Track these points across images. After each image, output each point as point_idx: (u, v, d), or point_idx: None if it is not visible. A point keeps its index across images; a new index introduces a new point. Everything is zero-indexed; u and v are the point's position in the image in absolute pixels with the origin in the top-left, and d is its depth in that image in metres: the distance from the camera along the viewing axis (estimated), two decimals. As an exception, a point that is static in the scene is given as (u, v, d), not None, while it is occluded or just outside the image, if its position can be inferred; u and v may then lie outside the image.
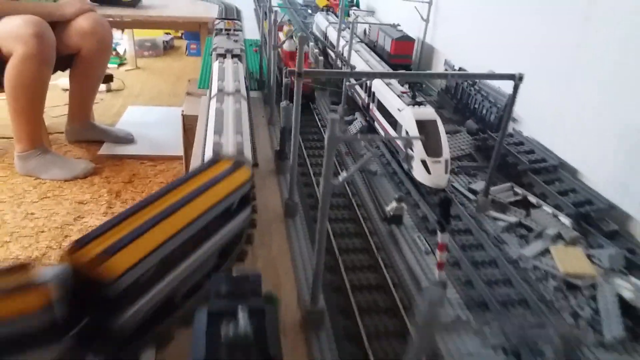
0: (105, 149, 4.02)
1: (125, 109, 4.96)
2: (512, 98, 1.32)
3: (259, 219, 1.25)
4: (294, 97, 1.25)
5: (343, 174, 0.84)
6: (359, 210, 1.40)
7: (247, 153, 1.20)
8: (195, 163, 1.66)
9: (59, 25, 3.40)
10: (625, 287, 1.09)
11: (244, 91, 1.58)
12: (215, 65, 1.81)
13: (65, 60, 3.63)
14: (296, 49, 1.48)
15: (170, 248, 0.86)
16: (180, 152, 2.68)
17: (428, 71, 2.51)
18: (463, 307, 1.08)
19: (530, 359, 0.93)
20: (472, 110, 2.05)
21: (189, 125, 2.56)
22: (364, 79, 1.87)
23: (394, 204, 1.34)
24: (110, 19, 3.94)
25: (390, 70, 2.06)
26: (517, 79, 1.28)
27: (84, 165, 3.65)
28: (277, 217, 1.38)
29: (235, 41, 2.12)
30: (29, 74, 3.13)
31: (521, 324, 1.05)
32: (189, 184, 0.97)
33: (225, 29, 2.35)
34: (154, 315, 0.90)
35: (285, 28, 2.53)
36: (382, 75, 1.66)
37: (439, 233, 1.05)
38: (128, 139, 4.16)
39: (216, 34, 2.29)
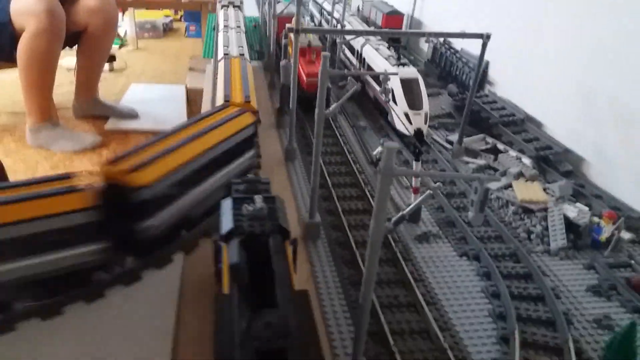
0: (111, 124, 4.20)
1: (128, 87, 5.14)
2: (481, 55, 1.52)
3: (262, 163, 1.46)
4: (293, 54, 1.45)
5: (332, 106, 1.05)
6: (350, 155, 1.61)
7: (253, 102, 1.40)
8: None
9: (67, 2, 3.57)
10: (571, 209, 1.31)
11: (247, 55, 1.78)
12: (221, 17, 2.03)
13: (73, 37, 3.79)
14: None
15: (188, 170, 1.06)
16: None
17: (408, 30, 2.70)
18: (435, 225, 1.29)
19: (487, 261, 1.14)
20: (454, 76, 2.25)
21: (192, 98, 2.76)
22: (352, 37, 2.08)
23: (379, 149, 1.55)
24: (114, -1, 4.10)
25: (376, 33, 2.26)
26: (484, 38, 1.48)
27: (92, 138, 3.84)
28: (279, 161, 1.59)
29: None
30: (40, 48, 3.31)
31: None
32: (202, 122, 1.18)
33: None
34: (178, 225, 1.11)
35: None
36: (367, 33, 1.88)
37: (413, 162, 1.26)
38: (132, 115, 4.33)
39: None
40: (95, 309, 0.97)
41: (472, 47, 2.17)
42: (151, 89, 5.01)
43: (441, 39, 2.50)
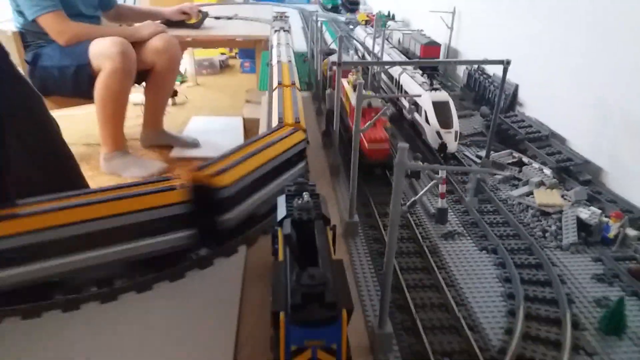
0: (175, 152, 4.59)
1: (189, 120, 5.56)
2: (503, 79, 1.71)
3: (311, 175, 1.71)
4: (335, 84, 1.70)
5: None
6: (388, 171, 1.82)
7: (302, 123, 1.65)
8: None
9: (137, 44, 4.00)
10: (584, 211, 1.46)
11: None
12: (275, 52, 2.32)
13: (141, 75, 4.23)
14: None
15: (254, 177, 1.32)
16: None
17: (435, 59, 2.90)
18: (460, 225, 1.48)
19: (503, 254, 1.32)
20: (487, 99, 2.44)
21: (248, 127, 3.06)
22: (388, 67, 2.31)
23: (412, 162, 1.76)
24: (178, 39, 4.53)
25: (413, 64, 2.48)
26: (505, 63, 1.67)
27: (159, 165, 4.21)
28: (324, 175, 1.83)
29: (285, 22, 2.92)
30: (115, 86, 3.72)
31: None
32: (264, 139, 1.44)
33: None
34: (245, 222, 1.36)
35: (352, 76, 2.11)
36: (400, 63, 2.11)
37: (440, 171, 1.46)
38: (194, 144, 4.71)
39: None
40: (176, 287, 1.22)
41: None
42: (210, 120, 5.43)
43: (475, 66, 2.70)
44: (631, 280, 1.22)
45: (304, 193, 1.09)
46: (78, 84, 3.75)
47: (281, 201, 1.10)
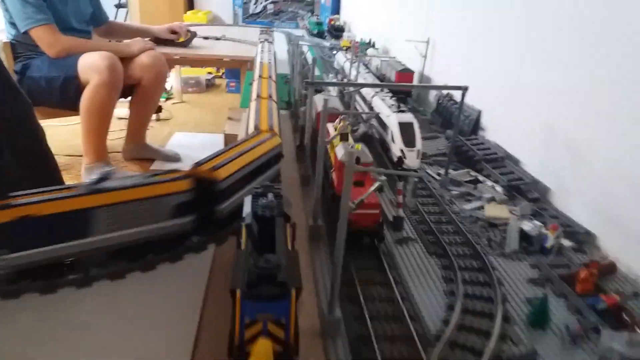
0: (156, 165, 4.69)
1: (172, 135, 5.67)
2: (461, 103, 1.88)
3: (284, 186, 1.84)
4: (306, 103, 1.84)
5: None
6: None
7: (276, 129, 1.79)
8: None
9: (125, 60, 4.13)
10: (527, 224, 1.61)
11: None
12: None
13: (127, 89, 4.35)
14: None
15: (244, 173, 1.47)
16: None
17: (401, 83, 3.07)
18: (414, 233, 1.62)
19: (450, 257, 1.46)
20: (453, 124, 2.60)
21: (229, 142, 3.18)
22: (357, 89, 2.47)
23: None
24: (166, 57, 4.68)
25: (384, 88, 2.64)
26: (463, 89, 1.84)
27: (139, 178, 4.31)
28: (295, 184, 1.96)
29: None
30: (101, 98, 3.83)
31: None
32: (244, 144, 1.58)
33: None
34: (234, 213, 1.49)
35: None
36: (367, 86, 2.29)
37: (397, 182, 1.61)
38: (175, 158, 4.82)
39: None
40: (147, 277, 1.33)
41: (470, 99, 2.53)
42: (192, 137, 5.56)
43: (444, 92, 2.88)
44: (561, 284, 1.36)
45: (269, 194, 1.22)
46: (65, 95, 3.86)
47: (247, 200, 1.22)
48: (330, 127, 1.96)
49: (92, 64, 3.74)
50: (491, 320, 1.21)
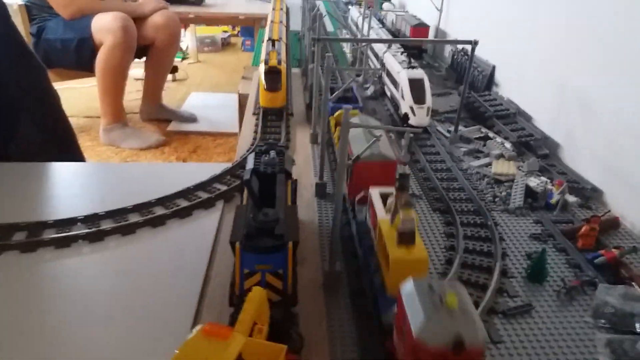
0: (173, 126, 4.76)
1: (188, 95, 5.70)
2: (470, 59, 1.85)
3: (293, 144, 1.87)
4: (315, 57, 1.83)
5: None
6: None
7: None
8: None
9: (138, 20, 4.13)
10: (533, 180, 1.61)
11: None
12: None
13: (141, 50, 4.37)
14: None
15: None
16: (235, 129, 3.27)
17: (410, 38, 3.01)
18: (419, 189, 1.63)
19: (452, 213, 1.47)
20: (466, 79, 2.57)
21: (243, 102, 3.19)
22: (364, 44, 2.44)
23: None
24: (179, 15, 4.65)
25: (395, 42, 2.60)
26: (473, 44, 1.81)
27: (157, 137, 4.38)
28: (305, 143, 1.97)
29: None
30: (115, 60, 3.87)
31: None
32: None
33: None
34: None
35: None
36: (377, 41, 2.25)
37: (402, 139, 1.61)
38: (192, 119, 4.87)
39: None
40: (157, 232, 1.38)
41: (484, 53, 2.49)
42: (208, 97, 5.58)
43: (459, 47, 2.83)
44: (562, 239, 1.37)
45: (271, 151, 1.25)
46: (80, 57, 3.91)
47: (250, 157, 1.25)
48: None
49: (105, 25, 3.76)
50: (489, 275, 1.23)
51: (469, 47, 2.62)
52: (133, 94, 5.31)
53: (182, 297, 1.16)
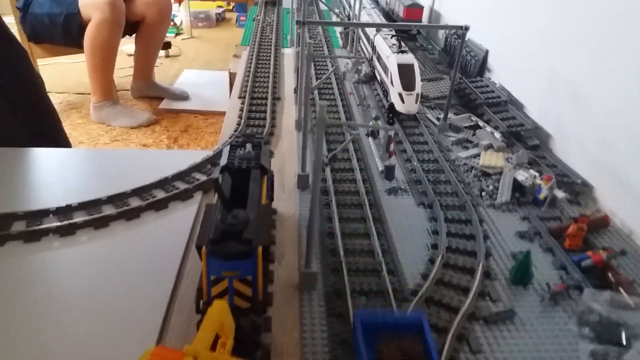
0: (164, 104, 4.67)
1: (181, 72, 5.59)
2: (461, 44, 1.79)
3: (279, 130, 1.82)
4: (300, 42, 1.77)
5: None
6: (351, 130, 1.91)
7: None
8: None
9: (128, -4, 4.02)
10: (522, 174, 1.56)
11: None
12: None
13: (132, 27, 4.26)
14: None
15: None
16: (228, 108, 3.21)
17: (399, 23, 2.93)
18: (405, 182, 1.59)
19: (437, 209, 1.43)
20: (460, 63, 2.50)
21: (234, 81, 3.11)
22: (350, 28, 2.37)
23: (371, 122, 1.85)
24: (170, -10, 4.52)
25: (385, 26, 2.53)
26: (463, 29, 1.74)
27: (147, 116, 4.30)
28: (291, 130, 1.92)
29: None
30: (103, 36, 3.77)
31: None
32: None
33: None
34: None
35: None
36: (366, 25, 2.17)
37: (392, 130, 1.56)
38: (184, 96, 4.78)
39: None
40: (131, 225, 1.33)
41: (478, 37, 2.42)
42: (201, 74, 5.48)
43: (452, 31, 2.75)
44: (549, 237, 1.33)
45: (248, 144, 1.19)
46: (68, 33, 3.81)
47: (225, 151, 1.19)
48: None
49: (93, 1, 3.65)
50: (471, 276, 1.19)
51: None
52: (126, 70, 5.21)
53: (153, 296, 1.12)
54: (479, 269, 1.20)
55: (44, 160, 1.65)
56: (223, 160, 1.16)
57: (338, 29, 3.15)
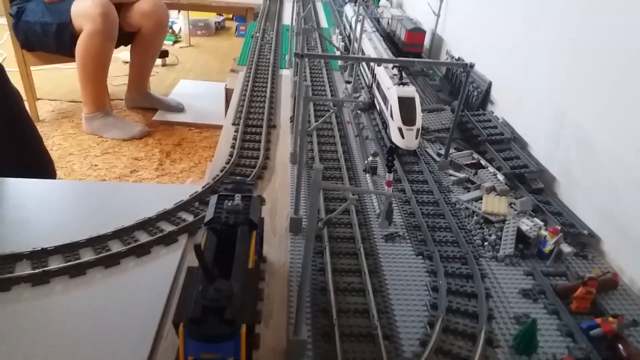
0: (158, 116, 4.59)
1: (178, 82, 5.51)
2: (465, 82, 1.71)
3: (272, 163, 1.74)
4: (298, 73, 1.69)
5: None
6: (346, 163, 1.82)
7: None
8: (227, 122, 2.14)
9: (124, 6, 3.94)
10: (526, 223, 1.48)
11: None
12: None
13: (127, 37, 4.19)
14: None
15: None
16: (222, 122, 3.14)
17: (399, 59, 2.85)
18: (403, 227, 1.50)
19: (437, 261, 1.35)
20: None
21: (229, 97, 3.03)
22: (350, 62, 2.29)
23: (370, 158, 1.77)
24: (168, 1, 4.45)
25: (387, 56, 2.46)
26: (468, 67, 1.66)
27: (140, 128, 4.22)
28: (285, 163, 1.83)
29: None
30: (95, 48, 3.68)
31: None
32: None
33: None
34: None
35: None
36: (366, 60, 2.10)
37: (387, 173, 1.48)
38: (179, 108, 4.70)
39: None
40: (110, 273, 1.24)
41: (481, 68, 2.35)
42: (197, 85, 5.41)
43: (455, 56, 2.68)
44: (554, 298, 1.25)
45: (236, 195, 1.11)
46: (60, 42, 3.73)
47: (212, 202, 1.11)
48: None
49: (85, 11, 3.57)
50: (473, 343, 1.11)
51: (466, 58, 2.50)
52: (121, 78, 5.13)
53: (129, 358, 1.03)
54: (481, 335, 1.12)
55: (21, 193, 1.56)
56: (209, 215, 1.08)
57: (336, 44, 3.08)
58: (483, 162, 1.84)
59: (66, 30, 3.59)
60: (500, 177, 1.72)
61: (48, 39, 3.70)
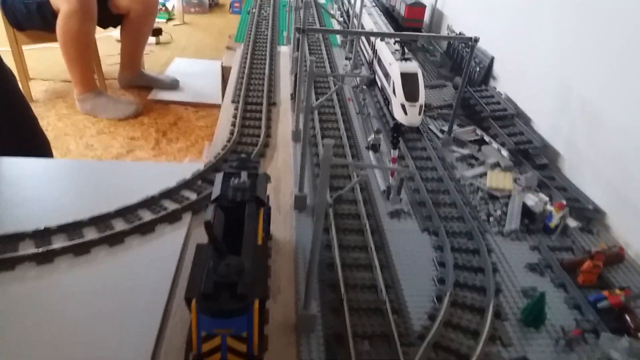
0: (153, 94, 4.53)
1: (172, 60, 5.44)
2: (469, 56, 1.69)
3: (274, 141, 1.72)
4: (300, 48, 1.66)
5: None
6: (349, 141, 1.80)
7: None
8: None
9: (111, -13, 3.85)
10: (531, 198, 1.48)
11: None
12: None
13: (117, 18, 4.11)
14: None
15: None
16: (218, 100, 3.08)
17: (401, 33, 2.82)
18: (408, 204, 1.50)
19: (443, 236, 1.34)
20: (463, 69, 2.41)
21: (226, 75, 3.00)
22: (350, 37, 2.26)
23: (372, 135, 1.75)
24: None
25: (388, 31, 2.42)
26: (472, 41, 1.64)
27: (135, 107, 4.16)
28: (287, 141, 1.81)
29: None
30: (74, 28, 3.59)
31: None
32: None
33: None
34: None
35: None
36: (368, 34, 2.06)
37: (391, 150, 1.46)
38: (174, 85, 4.63)
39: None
40: (115, 252, 1.23)
41: (483, 43, 2.31)
42: (192, 63, 5.33)
43: (456, 31, 2.65)
44: (561, 272, 1.25)
45: (242, 172, 1.09)
46: (44, 19, 3.66)
47: (218, 179, 1.10)
48: None
49: (58, -10, 3.48)
50: (481, 317, 1.11)
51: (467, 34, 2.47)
52: (114, 57, 5.04)
53: (137, 337, 1.02)
54: (489, 308, 1.12)
55: (20, 172, 1.53)
56: (215, 192, 1.06)
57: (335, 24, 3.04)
58: (487, 138, 1.83)
59: (46, 8, 3.53)
60: (505, 153, 1.71)
61: (33, 17, 3.63)
